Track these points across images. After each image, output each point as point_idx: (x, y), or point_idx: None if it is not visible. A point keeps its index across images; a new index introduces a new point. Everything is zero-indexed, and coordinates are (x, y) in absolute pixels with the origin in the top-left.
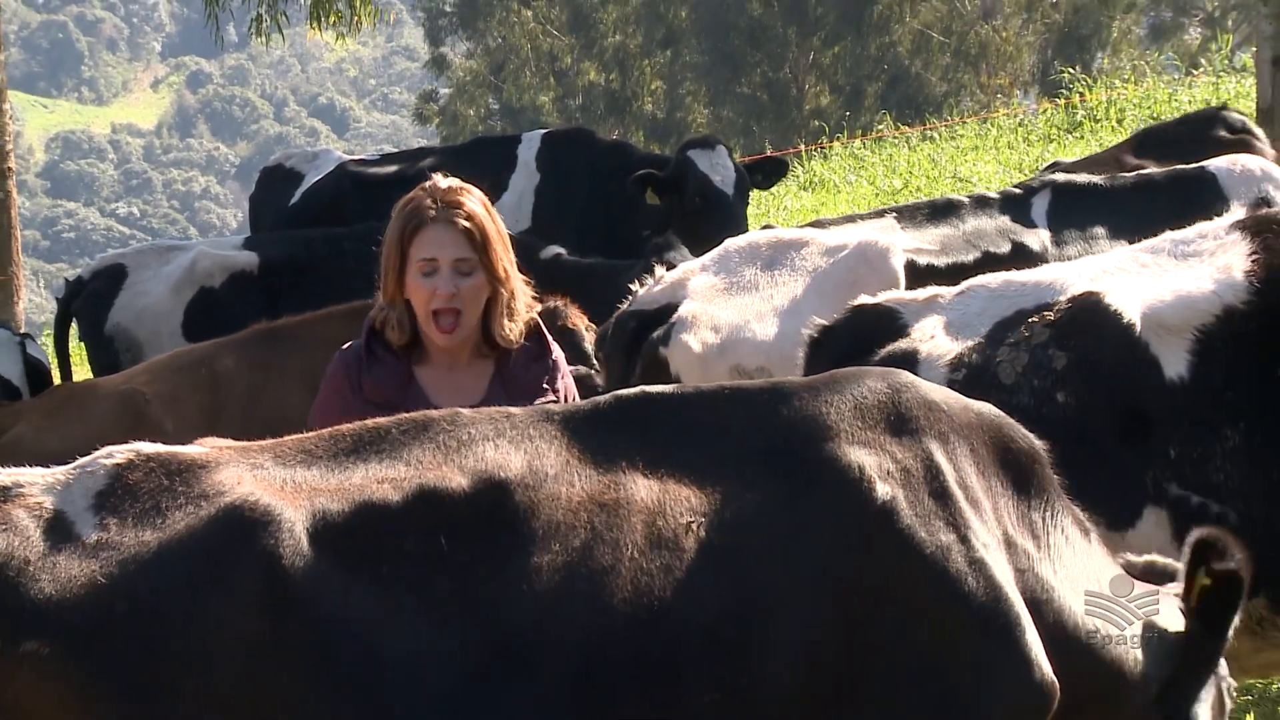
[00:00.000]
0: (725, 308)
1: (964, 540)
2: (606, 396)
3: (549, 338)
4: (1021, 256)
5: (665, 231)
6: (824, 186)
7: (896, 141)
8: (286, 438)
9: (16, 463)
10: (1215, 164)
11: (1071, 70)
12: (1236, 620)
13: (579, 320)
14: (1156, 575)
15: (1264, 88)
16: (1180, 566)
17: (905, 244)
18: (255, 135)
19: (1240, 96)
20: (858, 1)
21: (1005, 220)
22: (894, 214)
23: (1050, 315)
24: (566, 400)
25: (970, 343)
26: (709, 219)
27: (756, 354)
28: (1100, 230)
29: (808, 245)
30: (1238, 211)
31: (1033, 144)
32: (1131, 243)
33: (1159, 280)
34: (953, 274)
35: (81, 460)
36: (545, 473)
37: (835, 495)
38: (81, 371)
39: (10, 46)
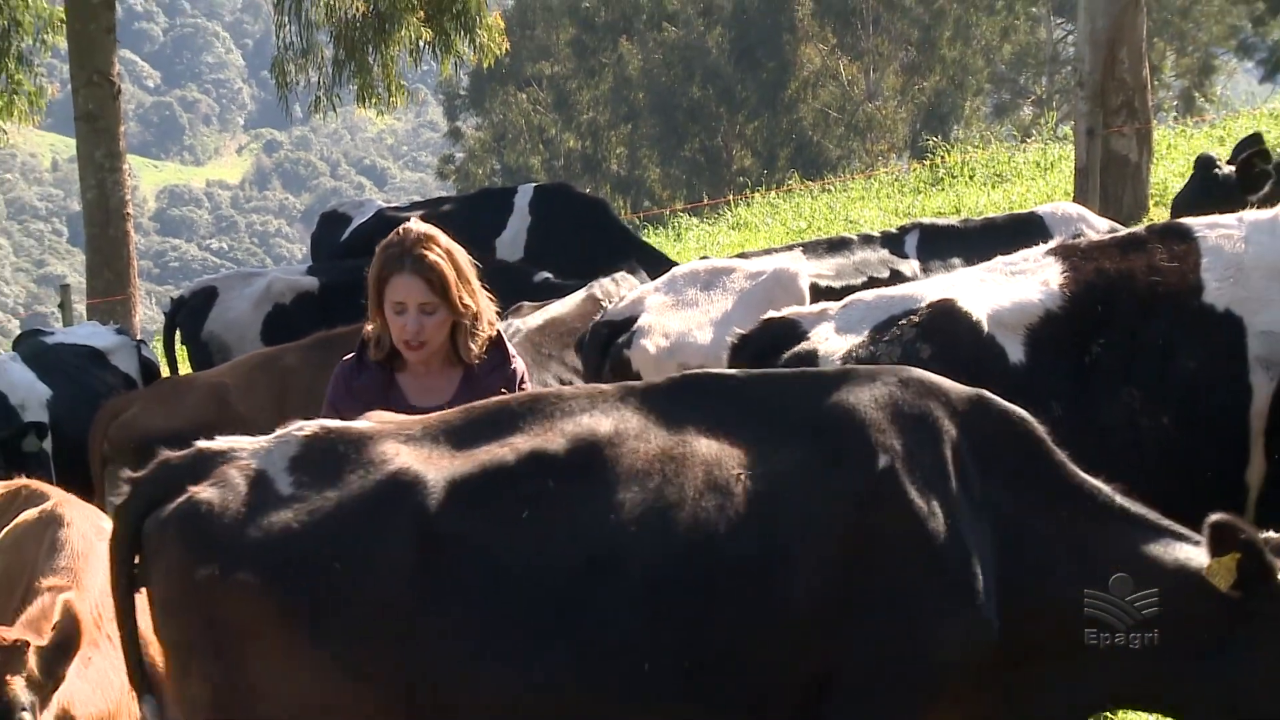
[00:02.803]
0: (673, 319)
1: (944, 504)
2: (677, 375)
3: (510, 349)
4: (897, 280)
5: (629, 260)
6: (747, 227)
7: (802, 193)
8: (433, 414)
9: (129, 435)
10: (1042, 209)
11: (935, 139)
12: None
13: None
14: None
15: (1080, 152)
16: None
17: (810, 271)
18: (315, 188)
19: (1062, 159)
20: (773, 87)
21: (885, 253)
22: (801, 248)
23: (915, 318)
24: None
25: (855, 341)
26: None
27: (697, 355)
28: (956, 260)
29: (735, 271)
30: (1054, 243)
31: (905, 195)
32: None
33: (996, 291)
34: (845, 294)
35: (279, 431)
36: (628, 433)
37: (848, 461)
38: (184, 369)
39: (130, 121)
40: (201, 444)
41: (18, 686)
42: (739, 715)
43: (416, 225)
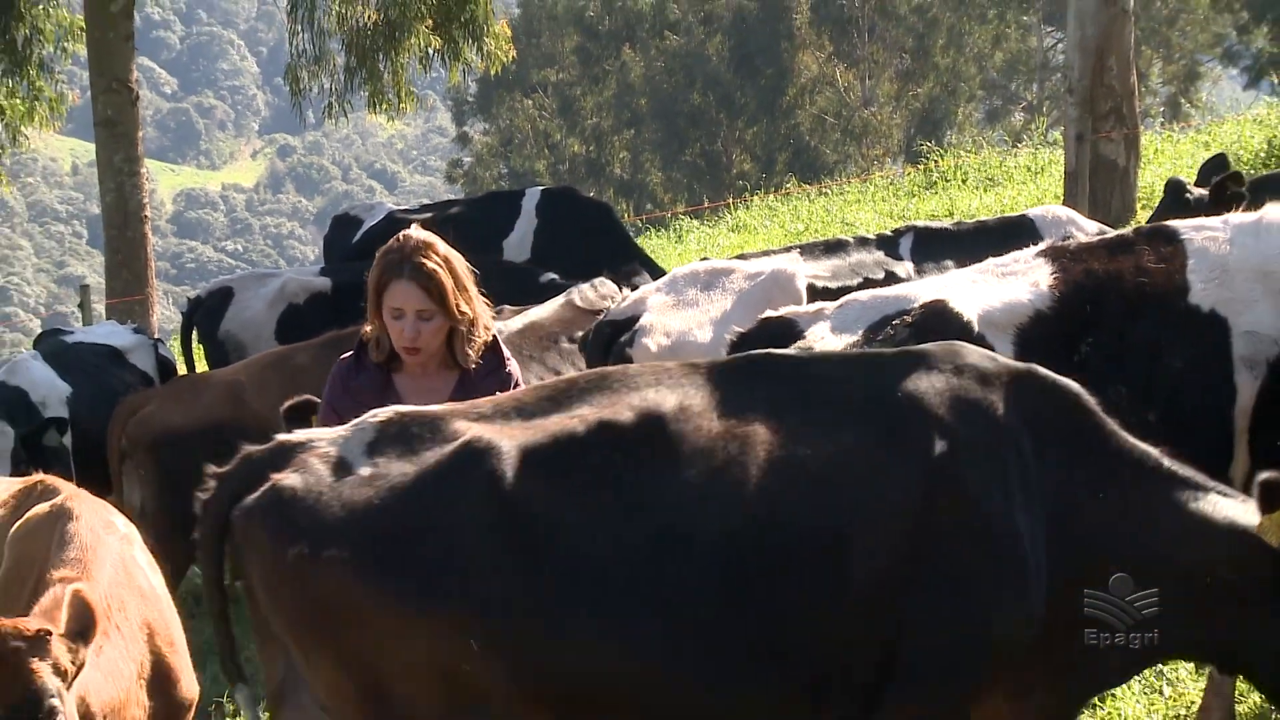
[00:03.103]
0: (674, 319)
1: (1002, 481)
2: (740, 355)
3: (505, 353)
4: (892, 281)
5: (632, 262)
6: (746, 229)
7: (800, 196)
8: (504, 393)
9: (147, 430)
10: (1033, 212)
11: (928, 144)
12: None
13: None
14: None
15: (1070, 157)
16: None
17: (806, 272)
18: (328, 192)
19: (1052, 163)
20: (771, 94)
21: (880, 255)
22: (798, 250)
23: (908, 318)
24: None
25: (850, 340)
26: None
27: (697, 354)
28: (949, 262)
29: (734, 272)
30: (1044, 245)
31: (900, 198)
32: None
33: (987, 291)
34: (841, 294)
35: (355, 420)
36: (693, 409)
37: (908, 441)
38: (201, 367)
39: (148, 126)
40: (281, 436)
41: (45, 675)
42: (801, 690)
43: (416, 233)
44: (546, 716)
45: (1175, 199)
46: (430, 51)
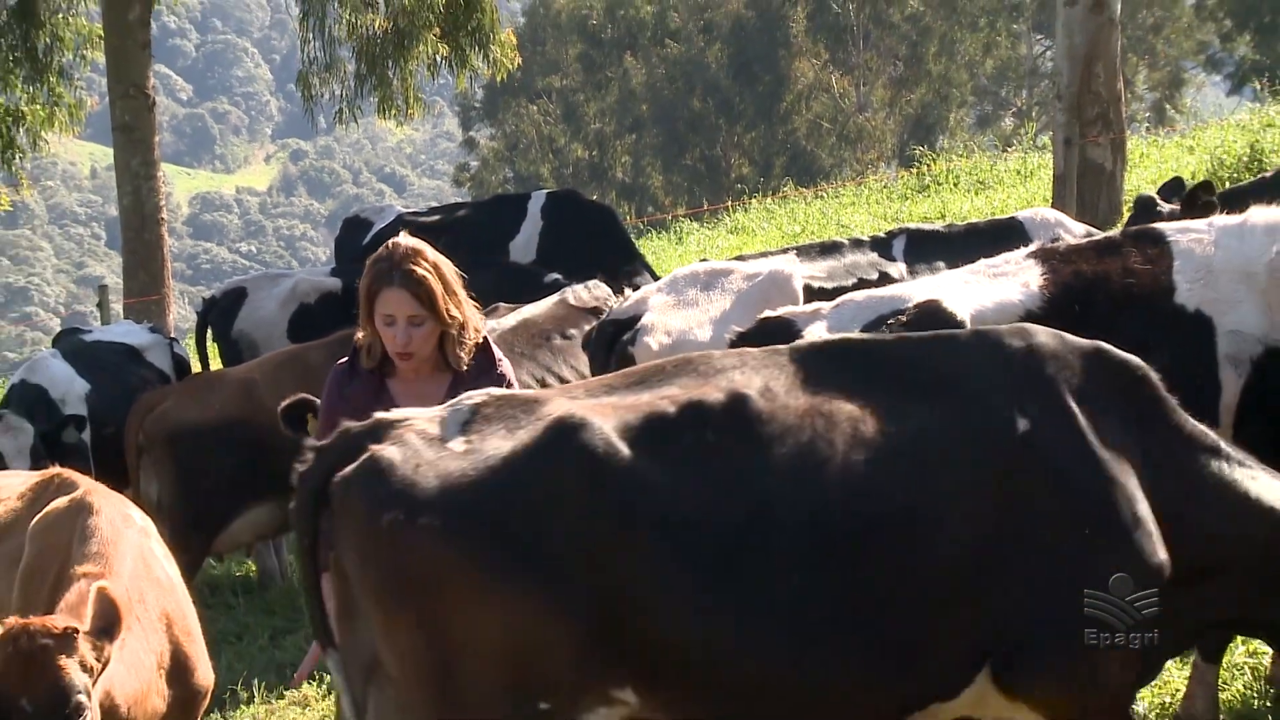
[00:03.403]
0: (675, 318)
1: (1084, 452)
2: (819, 339)
3: (496, 353)
4: (886, 282)
5: (633, 263)
6: (745, 231)
7: (797, 199)
8: (593, 377)
9: (164, 426)
10: (1022, 214)
11: (921, 148)
12: None
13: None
14: None
15: (1058, 161)
16: None
17: (803, 273)
18: (339, 195)
19: (1041, 167)
20: (769, 100)
21: (874, 256)
22: (795, 251)
23: (903, 318)
24: None
25: None
26: None
27: (696, 352)
28: (941, 263)
29: (733, 273)
30: (1033, 247)
31: (894, 201)
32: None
33: (979, 292)
34: (837, 294)
35: (451, 401)
36: (778, 390)
37: (987, 417)
38: (215, 364)
39: (164, 131)
40: (380, 414)
41: (73, 671)
42: (887, 661)
43: (405, 240)
44: (618, 691)
45: (1146, 216)
46: (438, 59)
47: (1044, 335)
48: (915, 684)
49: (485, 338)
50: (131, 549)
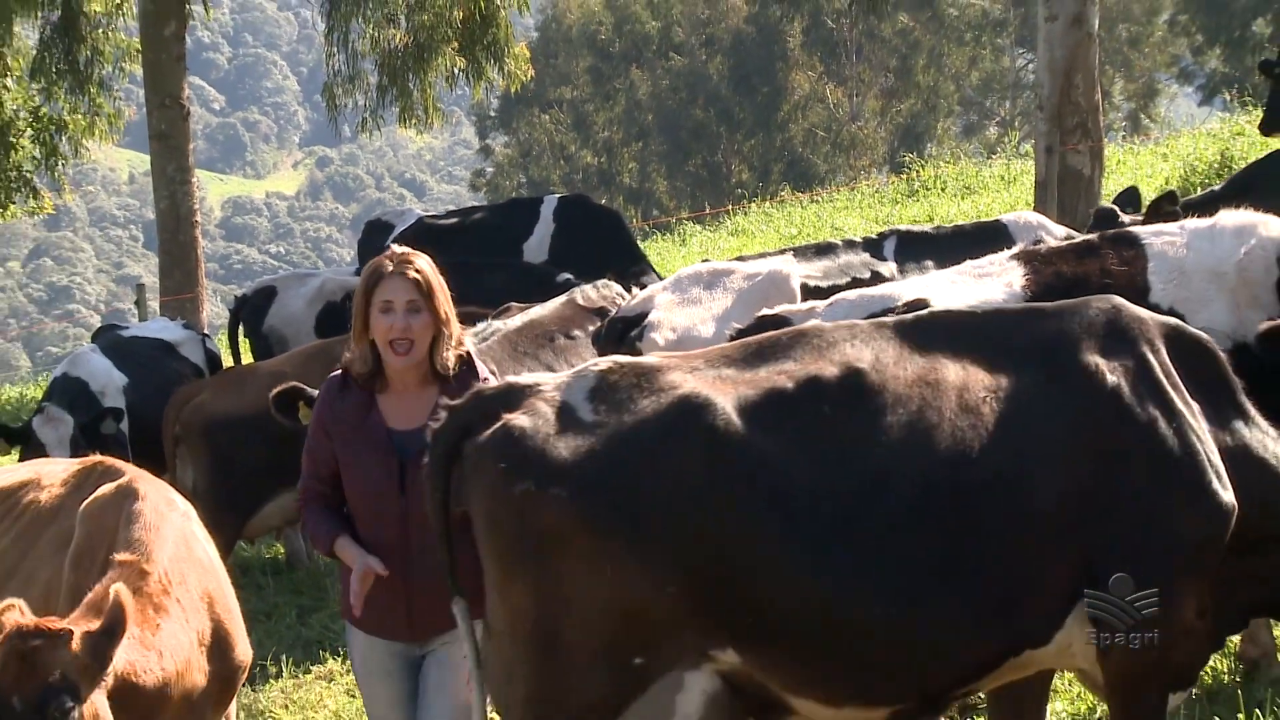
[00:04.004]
0: (679, 315)
1: (1167, 412)
2: (922, 312)
3: (479, 366)
4: (877, 281)
5: (640, 264)
6: (745, 233)
7: (793, 204)
8: (712, 347)
9: (199, 417)
10: (1006, 218)
11: (911, 155)
12: None
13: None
14: None
15: (1040, 168)
16: None
17: (800, 272)
18: (362, 199)
19: (1024, 173)
20: (767, 110)
21: (866, 256)
22: (792, 252)
23: (893, 315)
24: None
25: None
26: None
27: (700, 348)
28: (929, 263)
29: (734, 273)
30: (1016, 249)
31: (885, 205)
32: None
33: (965, 291)
34: (832, 293)
35: (578, 367)
36: (887, 362)
37: (1080, 381)
38: (246, 359)
39: (198, 139)
40: (511, 379)
41: (62, 672)
42: (991, 610)
43: (399, 247)
44: (718, 651)
45: (1109, 228)
46: (456, 71)
47: (1128, 305)
48: (1012, 633)
49: (469, 351)
50: (174, 532)
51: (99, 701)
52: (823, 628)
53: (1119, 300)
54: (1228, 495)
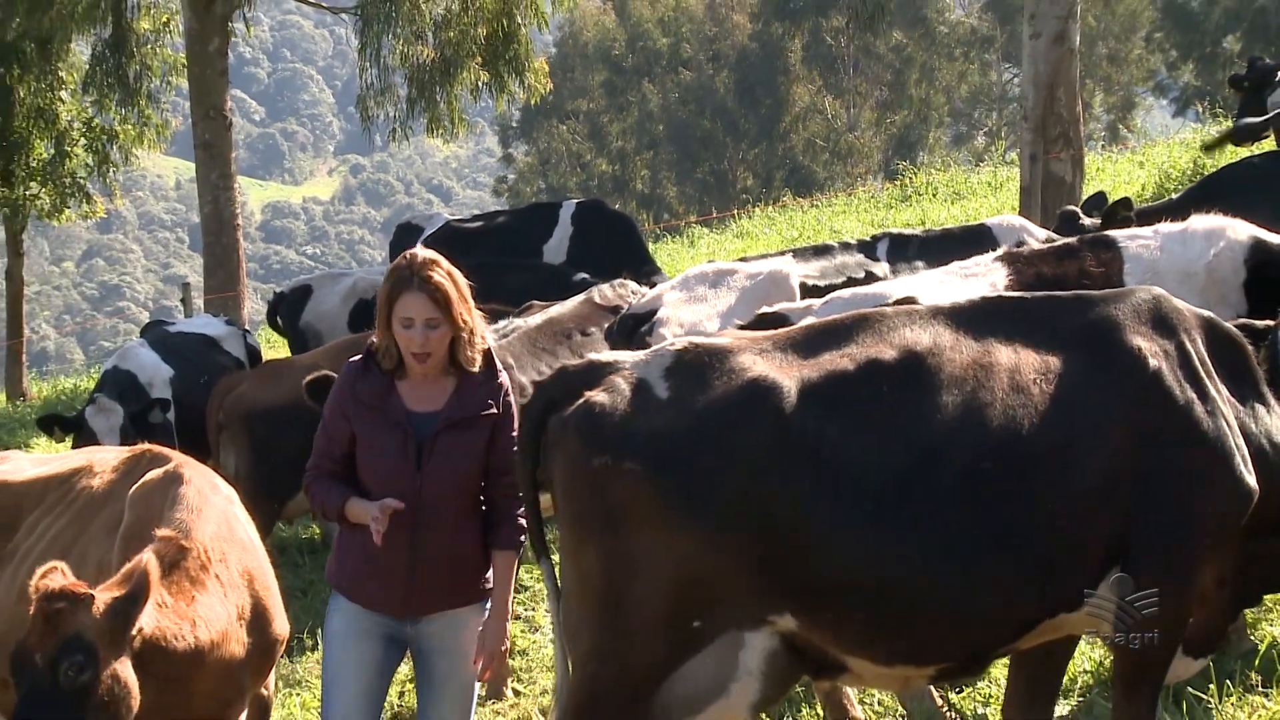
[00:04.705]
0: (687, 312)
1: (1202, 397)
2: (976, 298)
3: (498, 365)
4: (871, 280)
5: (650, 264)
6: (749, 236)
7: (794, 208)
8: (780, 330)
9: (241, 407)
10: (991, 221)
11: (904, 163)
12: None
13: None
14: None
15: (1025, 174)
16: None
17: (799, 272)
18: (393, 204)
19: (1009, 180)
20: (770, 120)
21: (861, 257)
22: (792, 253)
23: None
24: (506, 414)
25: None
26: None
27: None
28: (920, 263)
29: (738, 272)
30: (1000, 251)
31: (879, 209)
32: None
33: (952, 290)
34: (829, 291)
35: (655, 346)
36: (944, 345)
37: (1124, 365)
38: (283, 353)
39: (239, 148)
40: (593, 356)
41: (81, 633)
42: (1034, 575)
43: (423, 251)
44: (776, 616)
45: (1071, 229)
46: (480, 84)
47: (1169, 296)
48: (1051, 598)
49: (489, 349)
50: (216, 514)
51: (121, 664)
52: (878, 596)
53: (1160, 291)
54: (1250, 478)
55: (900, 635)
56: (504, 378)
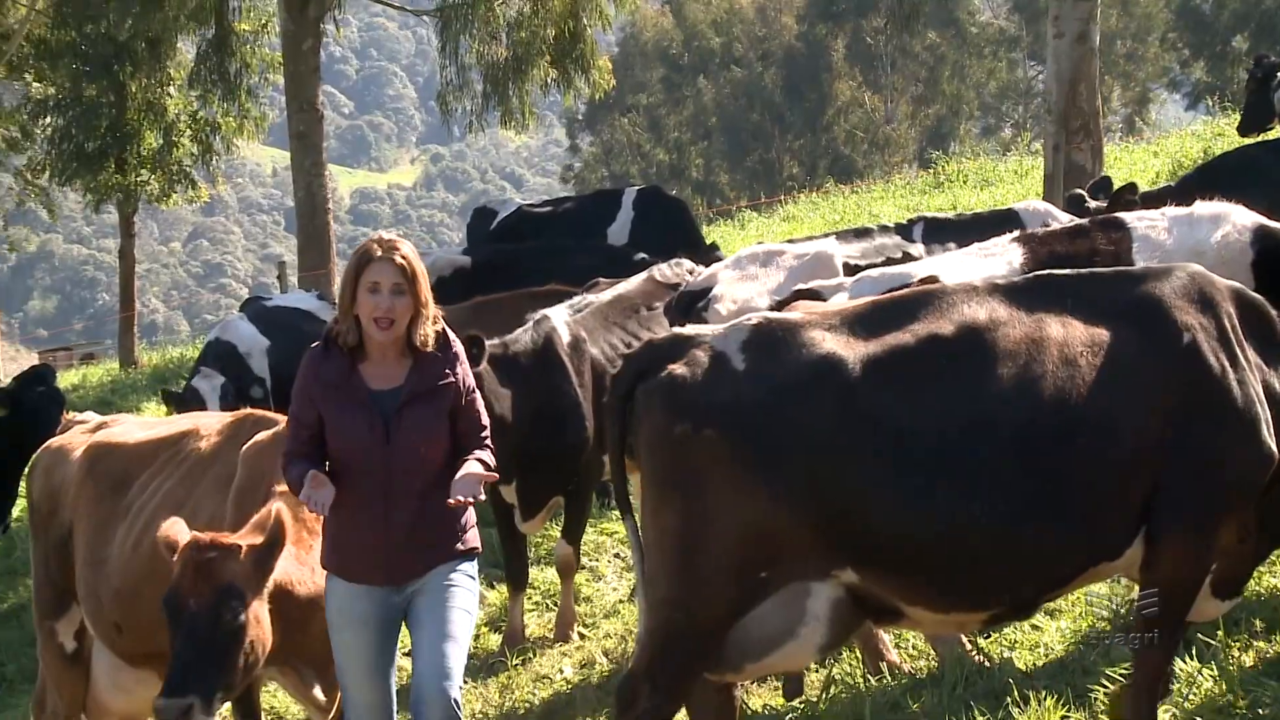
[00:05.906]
0: (739, 289)
1: (1234, 366)
2: (1028, 275)
3: (452, 339)
4: (908, 260)
5: (703, 244)
6: (795, 220)
7: (836, 194)
8: (845, 305)
9: None
10: (1018, 206)
11: (937, 153)
12: None
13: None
14: None
15: (1048, 163)
16: None
17: (842, 253)
18: (469, 190)
19: (1034, 168)
20: (814, 113)
21: (898, 239)
22: (835, 235)
23: (909, 290)
24: (463, 383)
25: None
26: None
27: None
28: (952, 245)
29: (786, 253)
30: (1016, 233)
31: (915, 195)
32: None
33: (971, 269)
34: (870, 269)
35: (734, 320)
36: (999, 320)
37: (1162, 337)
38: None
39: (330, 139)
40: (677, 330)
41: (232, 580)
42: (1082, 524)
43: (387, 234)
44: (838, 570)
45: (1077, 211)
46: (548, 80)
47: (1206, 271)
48: (1094, 549)
49: (444, 329)
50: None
51: (260, 607)
52: (935, 550)
53: (1197, 268)
54: (1271, 443)
55: (955, 586)
56: (458, 348)
